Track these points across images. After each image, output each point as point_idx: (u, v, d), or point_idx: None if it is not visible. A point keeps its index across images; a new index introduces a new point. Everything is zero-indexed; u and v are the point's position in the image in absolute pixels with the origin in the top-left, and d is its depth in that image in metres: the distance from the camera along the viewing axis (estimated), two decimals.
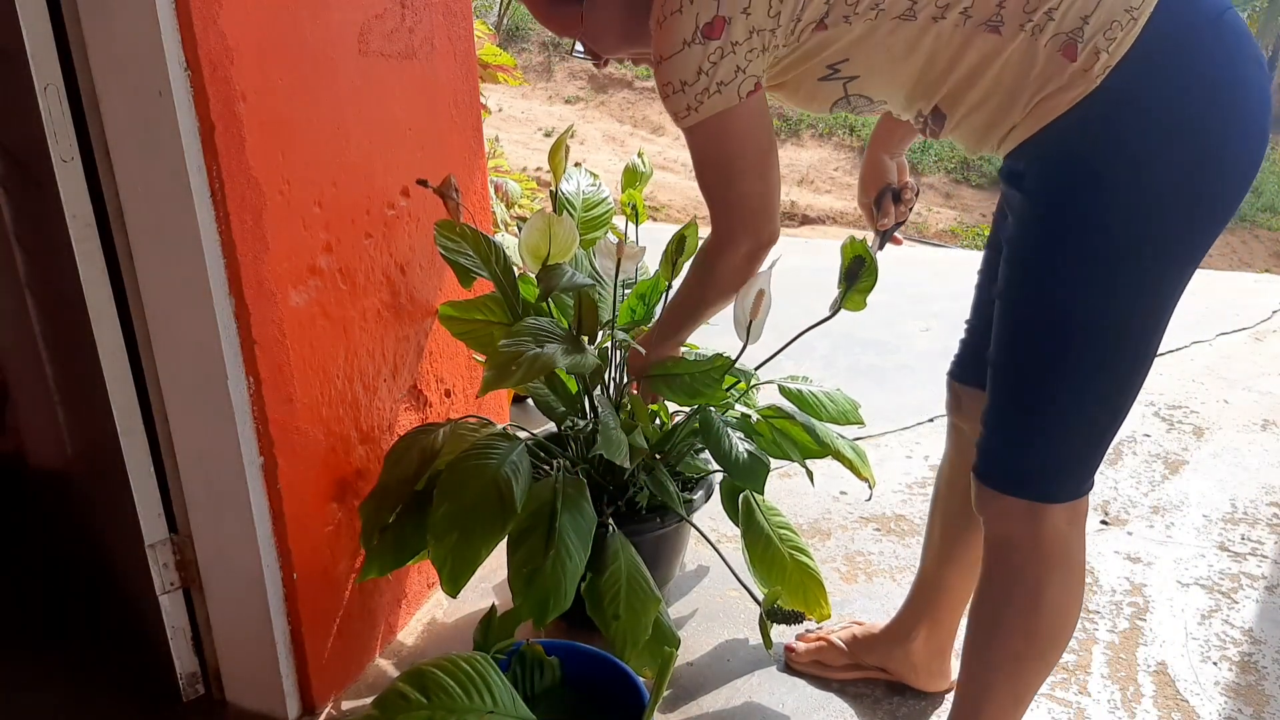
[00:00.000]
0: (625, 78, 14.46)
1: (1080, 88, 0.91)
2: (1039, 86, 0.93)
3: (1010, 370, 1.03)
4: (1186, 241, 0.94)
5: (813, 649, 1.51)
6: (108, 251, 1.19)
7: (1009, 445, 1.04)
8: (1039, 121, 0.95)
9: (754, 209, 1.12)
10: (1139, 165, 0.91)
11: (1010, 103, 0.96)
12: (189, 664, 1.40)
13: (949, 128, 1.04)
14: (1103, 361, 0.97)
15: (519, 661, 1.23)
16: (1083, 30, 0.90)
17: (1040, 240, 0.97)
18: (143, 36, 1.04)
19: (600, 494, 1.53)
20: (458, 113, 1.60)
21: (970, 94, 0.98)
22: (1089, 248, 0.93)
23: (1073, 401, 0.99)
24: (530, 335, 1.28)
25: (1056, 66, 0.92)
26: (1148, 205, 0.91)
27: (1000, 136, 1.00)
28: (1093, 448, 1.03)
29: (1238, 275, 4.25)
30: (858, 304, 1.44)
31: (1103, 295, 0.95)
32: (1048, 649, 1.08)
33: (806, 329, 1.55)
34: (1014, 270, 1.01)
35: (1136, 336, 0.97)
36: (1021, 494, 1.03)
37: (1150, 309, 0.97)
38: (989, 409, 1.06)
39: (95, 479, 1.42)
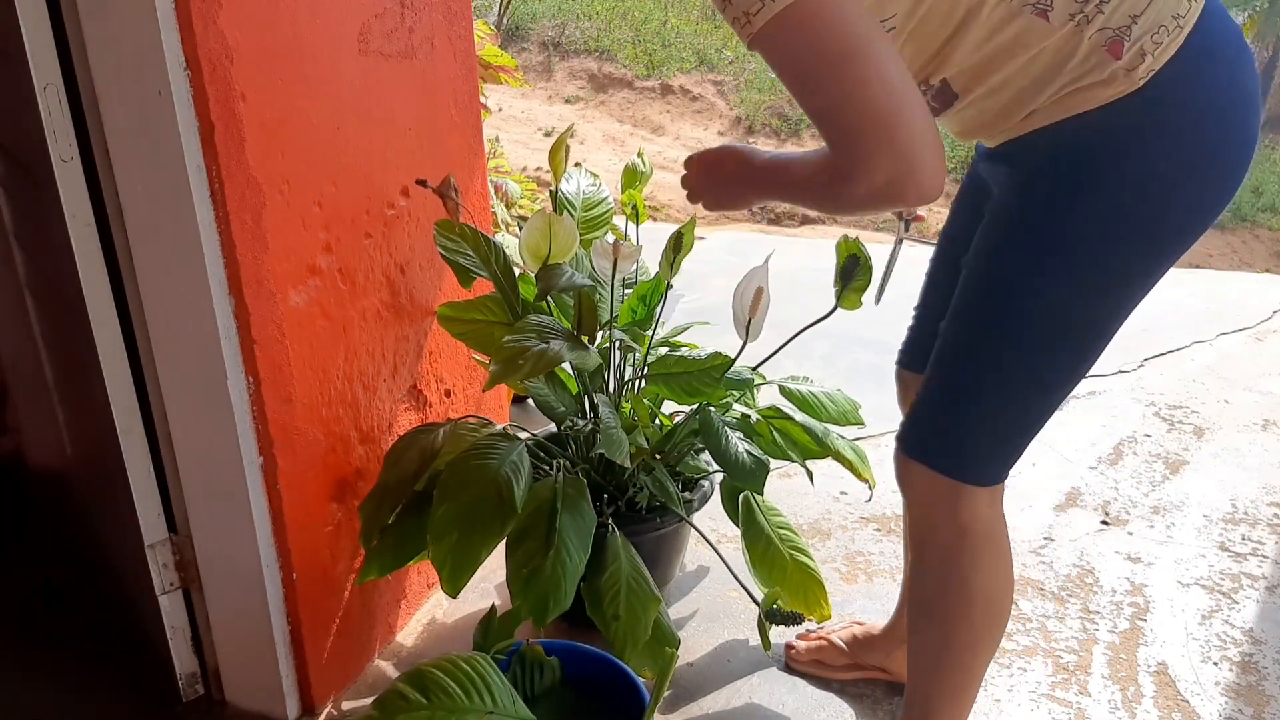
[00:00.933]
0: (625, 78, 14.45)
1: (1120, 86, 0.89)
2: (1074, 77, 0.91)
3: (956, 339, 1.03)
4: (1170, 251, 0.95)
5: (813, 649, 1.51)
6: (108, 251, 1.19)
7: (937, 417, 1.05)
8: (1063, 111, 0.92)
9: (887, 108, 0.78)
10: (1152, 174, 0.91)
11: (1035, 90, 0.93)
12: (188, 664, 1.40)
13: (957, 107, 1.00)
14: (1052, 351, 0.98)
15: (519, 661, 1.23)
16: (1130, 29, 0.88)
17: (1025, 223, 0.97)
18: (143, 36, 1.04)
19: (600, 494, 1.53)
20: (458, 113, 1.60)
21: (994, 76, 0.94)
22: (1075, 242, 0.94)
23: (1010, 383, 1.00)
24: (535, 332, 1.28)
25: (1098, 60, 0.89)
26: (1148, 213, 0.92)
27: (1011, 122, 0.97)
28: (1019, 436, 1.03)
29: (1238, 275, 4.25)
30: (853, 302, 1.44)
31: (1072, 289, 0.95)
32: (985, 629, 1.10)
33: (804, 328, 1.55)
34: (986, 247, 1.00)
35: (1092, 334, 0.98)
36: (941, 467, 1.03)
37: (1112, 310, 0.98)
38: (927, 377, 1.06)
39: (95, 479, 1.42)
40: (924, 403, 1.06)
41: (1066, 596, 1.72)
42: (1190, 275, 4.03)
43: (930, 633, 1.12)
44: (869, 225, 11.50)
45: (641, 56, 14.86)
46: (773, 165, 1.00)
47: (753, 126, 13.73)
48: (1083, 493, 2.12)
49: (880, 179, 0.80)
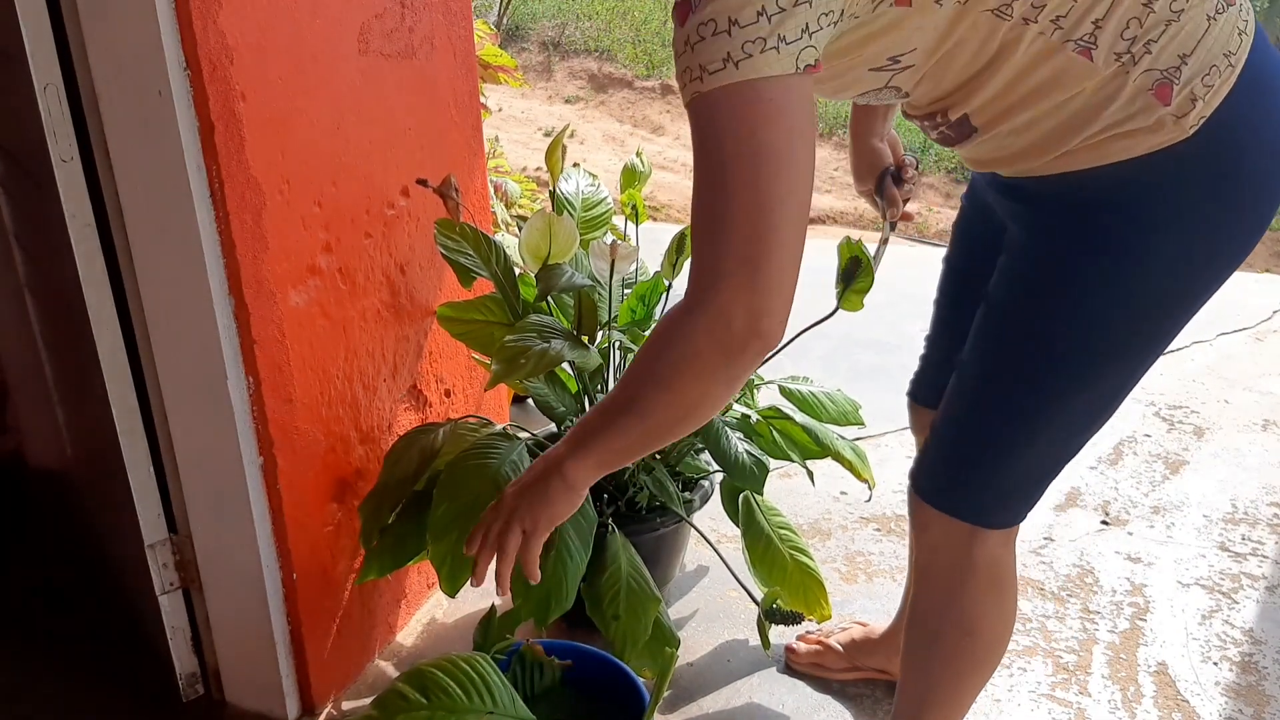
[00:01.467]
0: (625, 78, 14.45)
1: (1169, 134, 0.81)
2: (1115, 121, 0.82)
3: (977, 385, 0.98)
4: (1200, 300, 0.91)
5: (811, 652, 1.50)
6: (107, 251, 1.19)
7: (959, 465, 1.00)
8: (1102, 157, 0.84)
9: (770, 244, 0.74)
10: (1199, 236, 0.85)
11: (1068, 132, 0.84)
12: (188, 664, 1.40)
13: (975, 141, 0.92)
14: (1082, 404, 0.94)
15: (519, 661, 1.23)
16: (1180, 71, 0.80)
17: (1060, 276, 0.91)
18: (142, 36, 1.04)
19: (600, 494, 1.53)
20: (458, 112, 1.60)
21: (1022, 114, 0.85)
22: (1110, 300, 0.88)
23: (1037, 438, 0.96)
24: (535, 332, 1.28)
25: (1144, 105, 0.81)
26: (1185, 268, 0.87)
27: (1036, 161, 0.89)
28: (1041, 481, 1.01)
29: (1238, 275, 4.23)
30: (855, 304, 1.44)
31: (1101, 343, 0.90)
32: (985, 663, 1.08)
33: (804, 329, 1.55)
34: (1017, 292, 0.95)
35: (1119, 383, 0.95)
36: (962, 516, 1.00)
37: (1140, 359, 0.94)
38: (946, 417, 1.01)
39: (95, 479, 1.42)
40: (942, 447, 1.02)
41: (1066, 596, 1.72)
42: None
43: (928, 662, 1.10)
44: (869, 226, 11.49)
45: (641, 56, 14.86)
46: (572, 429, 0.89)
47: None
48: (1083, 493, 2.12)
49: (726, 306, 0.75)
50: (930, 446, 1.04)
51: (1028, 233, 0.94)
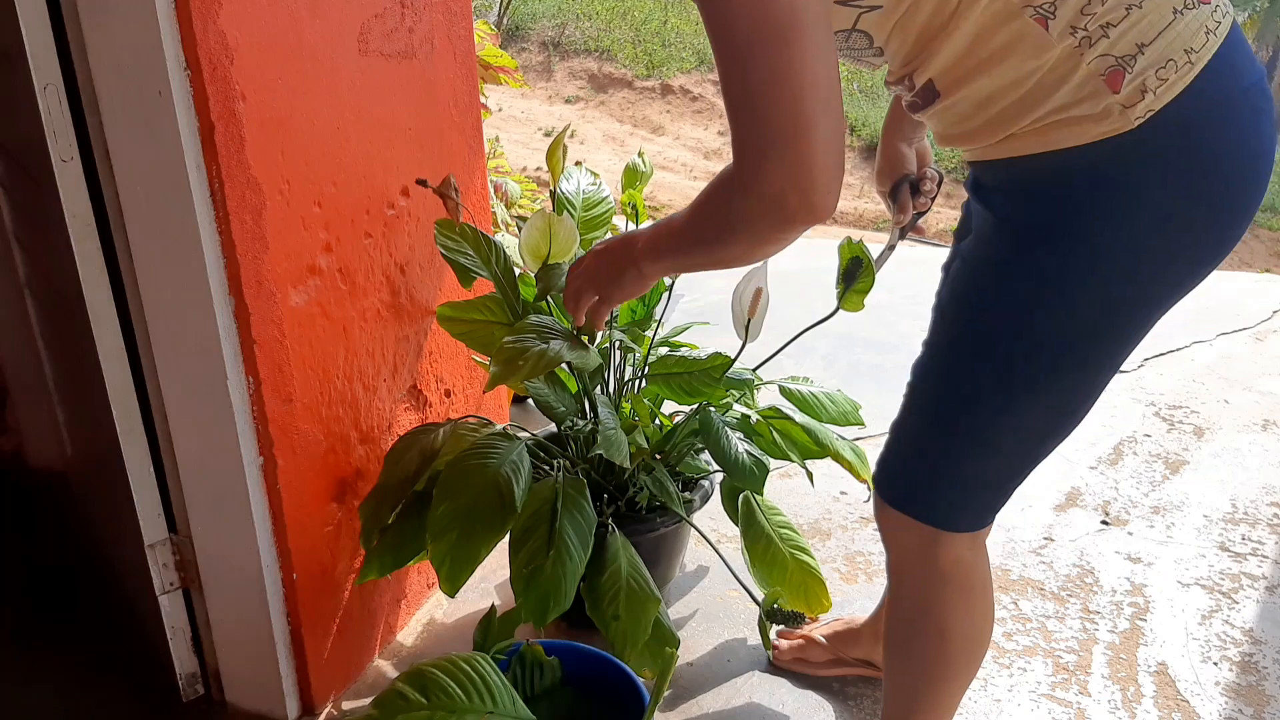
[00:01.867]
0: (625, 78, 14.45)
1: (1113, 124, 0.79)
2: (1062, 106, 0.81)
3: (930, 392, 0.97)
4: (1156, 306, 0.88)
5: (795, 646, 1.50)
6: (108, 251, 1.19)
7: (914, 466, 0.99)
8: (1045, 144, 0.83)
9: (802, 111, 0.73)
10: (1153, 222, 0.82)
11: (1019, 111, 0.83)
12: (188, 664, 1.40)
13: (938, 108, 0.91)
14: (1040, 409, 0.92)
15: (519, 661, 1.23)
16: (1135, 60, 0.78)
17: (1004, 273, 0.89)
18: (143, 36, 1.04)
19: (600, 494, 1.53)
20: (458, 112, 1.60)
21: (980, 81, 0.84)
22: (1055, 297, 0.86)
23: (988, 443, 0.94)
24: (534, 332, 1.28)
25: (1093, 90, 0.79)
26: (1126, 270, 0.84)
27: (988, 141, 0.88)
28: (1001, 488, 0.98)
29: (1238, 275, 4.25)
30: (856, 305, 1.44)
31: (1055, 349, 0.88)
32: (961, 668, 1.08)
33: (805, 329, 1.55)
34: (960, 292, 0.94)
35: (1076, 390, 0.91)
36: (921, 517, 0.99)
37: (1098, 365, 0.90)
38: (902, 419, 1.00)
39: (95, 479, 1.42)
40: (899, 447, 1.01)
41: (1066, 596, 1.72)
42: None
43: (906, 671, 1.10)
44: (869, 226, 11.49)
45: (641, 56, 14.87)
46: (656, 226, 0.96)
47: None
48: (1083, 493, 2.12)
49: (774, 186, 0.76)
50: (889, 449, 1.03)
51: (977, 234, 0.93)
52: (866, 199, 12.69)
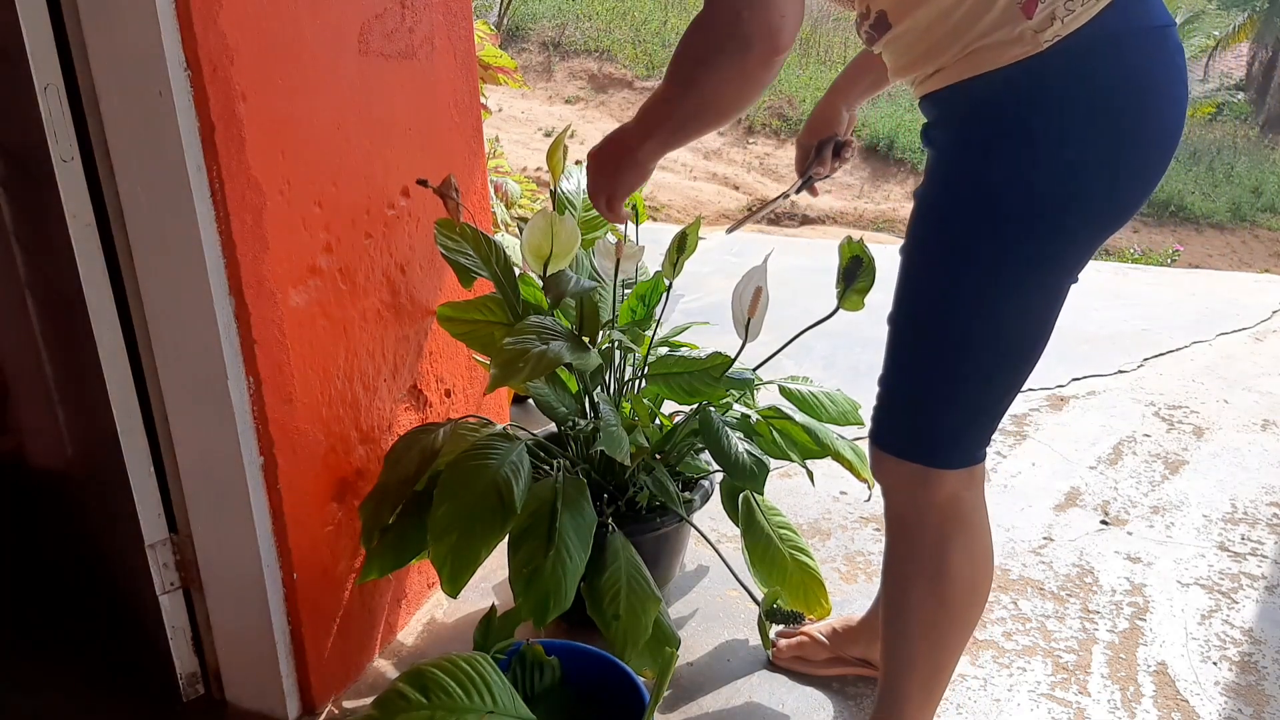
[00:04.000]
0: (625, 78, 14.45)
1: (1025, 47, 0.89)
2: (985, 32, 0.90)
3: (903, 332, 1.03)
4: (1092, 216, 0.94)
5: (793, 644, 1.50)
6: (108, 251, 1.19)
7: (900, 407, 1.05)
8: (969, 70, 0.92)
9: None
10: (1063, 137, 0.90)
11: (952, 38, 0.92)
12: (189, 664, 1.40)
13: (888, 38, 1.00)
14: (996, 330, 0.98)
15: (519, 661, 1.23)
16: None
17: (944, 199, 0.97)
18: (143, 36, 1.04)
19: (600, 494, 1.53)
20: (458, 113, 1.60)
21: (921, 10, 0.93)
22: (991, 211, 0.93)
23: (964, 369, 1.00)
24: (535, 333, 1.28)
25: (1010, 17, 0.89)
26: (1062, 177, 0.91)
27: (927, 70, 0.97)
28: (985, 415, 1.04)
29: (1238, 275, 4.25)
30: (856, 304, 1.44)
31: (998, 263, 0.94)
32: (961, 613, 1.09)
33: (806, 329, 1.55)
34: (913, 231, 1.01)
35: (1038, 303, 0.97)
36: (911, 457, 1.04)
37: (1051, 279, 0.96)
38: (884, 369, 1.06)
39: (95, 479, 1.42)
40: (885, 393, 1.07)
41: (1066, 596, 1.72)
42: (1190, 275, 4.03)
43: (907, 618, 1.11)
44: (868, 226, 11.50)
45: (641, 56, 14.86)
46: (642, 108, 1.05)
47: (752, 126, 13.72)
48: (1082, 493, 2.12)
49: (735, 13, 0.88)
50: (878, 401, 1.09)
51: (925, 178, 1.01)
52: (866, 199, 12.69)
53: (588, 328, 1.41)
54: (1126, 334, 3.17)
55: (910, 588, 1.10)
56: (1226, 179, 14.60)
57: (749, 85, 0.93)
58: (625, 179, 1.11)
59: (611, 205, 1.16)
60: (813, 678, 1.49)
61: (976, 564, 1.08)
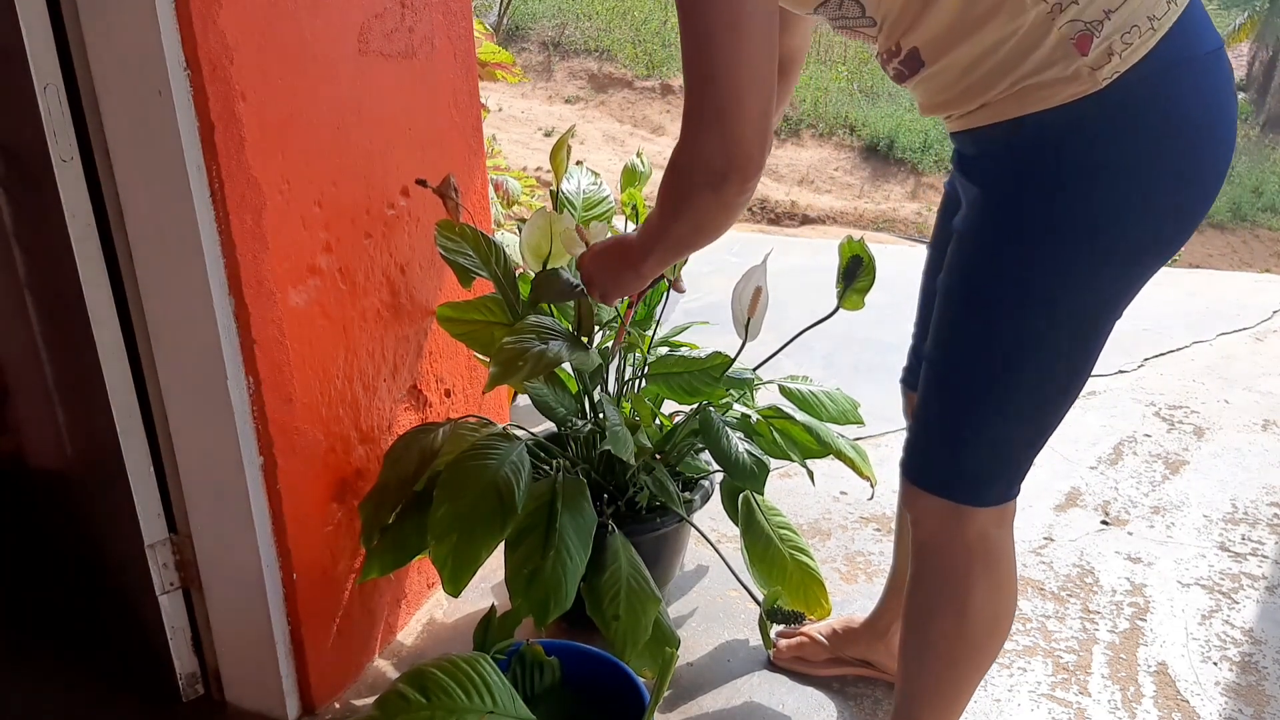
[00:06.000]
0: (625, 78, 14.45)
1: (1082, 86, 0.85)
2: (1035, 70, 0.87)
3: (945, 368, 1.01)
4: (1147, 255, 0.92)
5: (794, 645, 1.50)
6: (108, 251, 1.19)
7: (937, 444, 1.03)
8: (1019, 108, 0.89)
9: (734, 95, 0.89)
10: (1121, 176, 0.88)
11: (998, 75, 0.89)
12: (188, 664, 1.40)
13: (922, 77, 0.96)
14: (1049, 371, 0.95)
15: (519, 662, 1.23)
16: (1103, 25, 0.84)
17: (998, 237, 0.94)
18: (143, 36, 1.04)
19: (600, 494, 1.53)
20: (458, 112, 1.60)
21: (961, 48, 0.90)
22: (1054, 251, 0.90)
23: (1007, 408, 0.97)
24: (534, 333, 1.28)
25: (1064, 54, 0.85)
26: (1120, 218, 0.89)
27: (968, 108, 0.93)
28: (1023, 454, 1.02)
29: (1238, 275, 4.25)
30: (856, 303, 1.44)
31: (1057, 302, 0.92)
32: (981, 649, 1.08)
33: (806, 328, 1.55)
34: (959, 265, 0.98)
35: (1088, 343, 0.95)
36: (947, 495, 1.02)
37: (1102, 319, 0.95)
38: (921, 404, 1.04)
39: (95, 479, 1.42)
40: (922, 429, 1.05)
41: (1066, 596, 1.72)
42: (1190, 275, 4.03)
43: (927, 649, 1.10)
44: (869, 226, 11.50)
45: (641, 56, 14.87)
46: (640, 228, 1.11)
47: None
48: (1083, 493, 2.12)
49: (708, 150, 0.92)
50: (912, 429, 1.07)
51: (967, 207, 0.98)
52: (866, 199, 12.69)
53: (585, 327, 1.41)
54: (1126, 334, 3.16)
55: (932, 621, 1.08)
56: (1227, 179, 14.61)
57: (731, 212, 0.98)
58: (624, 285, 1.18)
59: (607, 300, 1.23)
60: (813, 678, 1.49)
61: (1000, 601, 1.07)
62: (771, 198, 12.34)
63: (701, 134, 0.91)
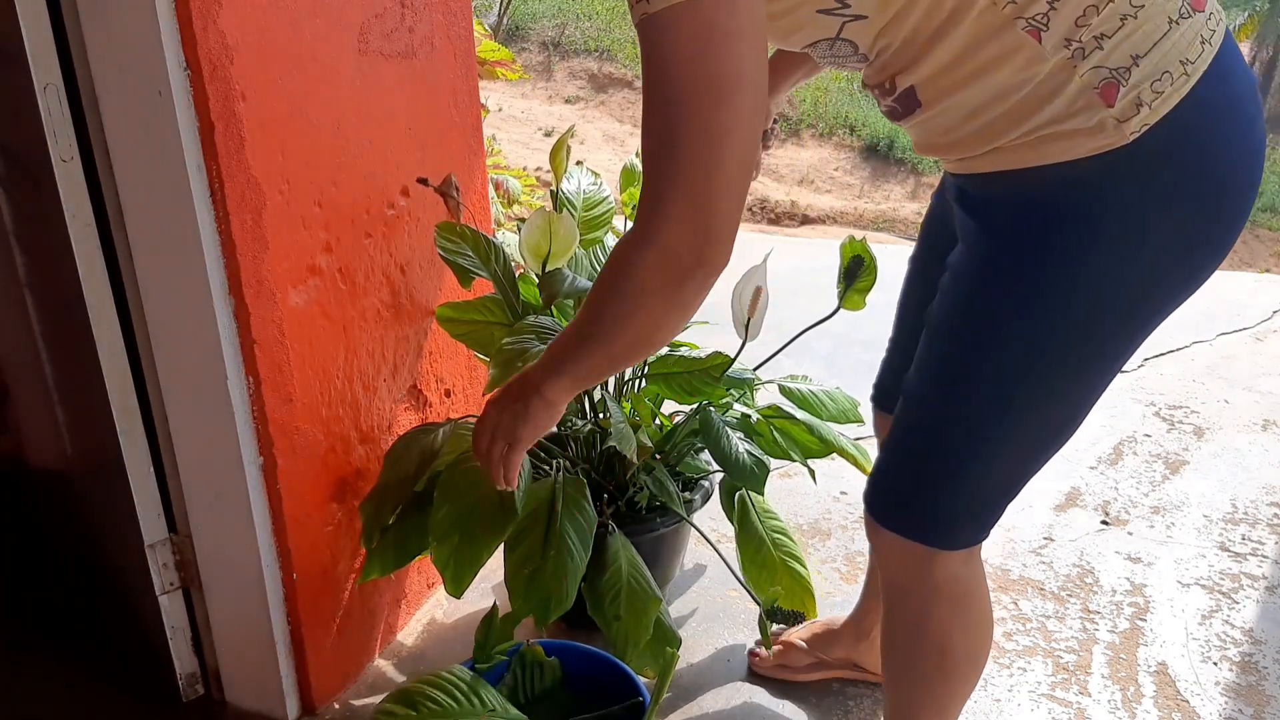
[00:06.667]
0: (625, 78, 14.45)
1: (1108, 139, 0.77)
2: (1054, 119, 0.79)
3: (928, 407, 0.95)
4: (1151, 318, 0.87)
5: (775, 652, 1.49)
6: (107, 251, 1.19)
7: (912, 484, 0.97)
8: (1036, 158, 0.81)
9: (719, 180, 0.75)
10: (1150, 238, 0.81)
11: (1011, 123, 0.81)
12: (189, 664, 1.40)
13: (919, 118, 0.88)
14: (1040, 423, 0.91)
15: (519, 661, 1.23)
16: (1130, 72, 0.76)
17: (995, 285, 0.87)
18: (143, 36, 1.04)
19: (600, 494, 1.53)
20: (458, 112, 1.60)
21: (966, 92, 0.82)
22: (1049, 311, 0.84)
23: (993, 455, 0.92)
24: (534, 333, 1.28)
25: (1086, 104, 0.77)
26: (1125, 284, 0.83)
27: (974, 152, 0.86)
28: (1001, 500, 0.97)
29: (1238, 275, 4.25)
30: (857, 303, 1.44)
31: (1050, 362, 0.87)
32: (965, 679, 1.06)
33: (806, 328, 1.55)
34: (955, 306, 0.91)
35: (1071, 403, 0.90)
36: (915, 536, 0.96)
37: (1096, 378, 0.89)
38: (895, 436, 0.98)
39: (95, 479, 1.42)
40: (891, 466, 0.99)
41: (1066, 596, 1.72)
42: None
43: (907, 689, 1.08)
44: (869, 226, 11.50)
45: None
46: (548, 347, 0.94)
47: None
48: (1083, 493, 2.12)
49: (673, 236, 0.77)
50: (880, 466, 1.01)
51: (967, 247, 0.91)
52: (866, 199, 12.70)
53: None
54: None
55: (910, 661, 1.06)
56: None
57: (685, 315, 0.83)
58: (534, 422, 0.95)
59: (512, 455, 0.98)
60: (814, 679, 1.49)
61: (977, 636, 1.04)
62: (771, 198, 12.34)
63: (668, 227, 0.76)
